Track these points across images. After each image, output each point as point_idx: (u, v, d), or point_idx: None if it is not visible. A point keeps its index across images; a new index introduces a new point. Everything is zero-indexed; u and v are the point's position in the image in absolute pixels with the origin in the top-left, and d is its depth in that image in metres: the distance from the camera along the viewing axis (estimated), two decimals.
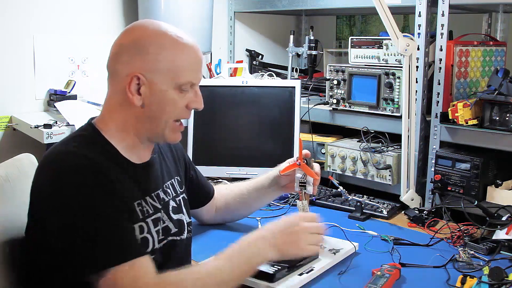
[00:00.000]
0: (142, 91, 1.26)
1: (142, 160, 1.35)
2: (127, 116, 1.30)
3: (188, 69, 1.29)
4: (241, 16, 3.04)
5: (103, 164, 1.22)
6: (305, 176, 1.57)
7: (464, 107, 1.81)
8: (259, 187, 1.72)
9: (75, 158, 1.21)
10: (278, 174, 1.67)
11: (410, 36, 1.87)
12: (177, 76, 1.28)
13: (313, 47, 2.61)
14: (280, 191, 1.75)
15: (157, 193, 1.37)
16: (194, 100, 1.33)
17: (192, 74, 1.30)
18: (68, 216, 1.15)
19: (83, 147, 1.25)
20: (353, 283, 1.42)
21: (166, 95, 1.28)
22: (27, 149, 1.58)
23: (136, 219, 1.27)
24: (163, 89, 1.27)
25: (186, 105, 1.32)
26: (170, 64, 1.27)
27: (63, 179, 1.18)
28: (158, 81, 1.26)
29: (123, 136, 1.31)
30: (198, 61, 1.33)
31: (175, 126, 1.34)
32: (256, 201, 1.76)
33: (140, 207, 1.29)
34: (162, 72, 1.26)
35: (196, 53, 1.32)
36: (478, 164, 1.83)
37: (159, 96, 1.27)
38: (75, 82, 2.41)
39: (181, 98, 1.30)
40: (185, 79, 1.29)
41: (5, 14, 2.28)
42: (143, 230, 1.27)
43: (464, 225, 1.74)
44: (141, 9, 2.51)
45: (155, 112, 1.29)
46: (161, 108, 1.29)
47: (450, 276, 1.44)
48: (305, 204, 1.57)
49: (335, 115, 2.26)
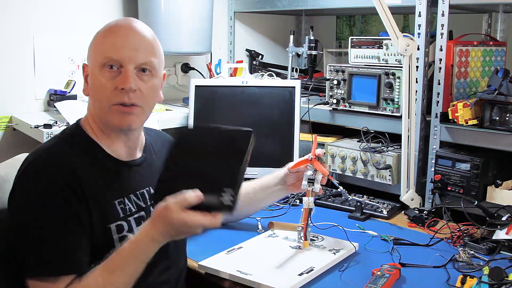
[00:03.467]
0: (88, 79, 1.32)
1: (130, 158, 1.36)
2: (90, 108, 1.35)
3: (109, 46, 1.27)
4: (241, 16, 3.04)
5: (76, 163, 1.23)
6: (315, 173, 1.58)
7: (464, 107, 1.81)
8: (265, 186, 1.72)
9: (45, 158, 1.24)
10: (287, 172, 1.67)
11: (410, 36, 1.87)
12: (99, 55, 1.29)
13: (313, 47, 2.61)
14: (286, 191, 1.74)
15: (143, 191, 1.37)
16: (120, 80, 1.26)
17: (113, 51, 1.26)
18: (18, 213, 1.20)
19: (62, 144, 1.29)
20: (353, 283, 1.42)
21: (96, 78, 1.29)
22: (27, 149, 1.57)
23: (115, 218, 1.27)
24: (93, 72, 1.30)
25: (116, 87, 1.27)
26: (95, 46, 1.30)
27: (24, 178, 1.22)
28: (90, 65, 1.31)
29: (98, 130, 1.33)
30: (123, 38, 1.28)
31: (117, 109, 1.28)
32: (262, 200, 1.75)
33: (122, 205, 1.29)
34: (91, 55, 1.31)
35: (122, 30, 1.29)
36: (478, 164, 1.83)
37: (92, 79, 1.31)
38: (75, 82, 2.41)
39: (109, 80, 1.27)
40: (103, 55, 1.27)
41: (5, 14, 2.28)
42: (123, 229, 1.28)
43: (464, 225, 1.74)
44: (141, 9, 2.51)
45: (92, 96, 1.32)
46: (96, 92, 1.30)
47: (450, 276, 1.45)
48: (311, 201, 1.57)
49: (335, 115, 2.26)
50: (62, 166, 1.22)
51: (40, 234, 1.17)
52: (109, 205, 1.27)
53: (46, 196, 1.19)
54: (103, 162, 1.30)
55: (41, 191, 1.19)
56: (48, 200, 1.18)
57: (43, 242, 1.17)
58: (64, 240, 1.18)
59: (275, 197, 1.79)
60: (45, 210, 1.18)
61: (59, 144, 1.29)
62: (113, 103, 1.28)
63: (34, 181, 1.20)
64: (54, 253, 1.17)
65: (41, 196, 1.19)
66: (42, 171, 1.21)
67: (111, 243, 1.25)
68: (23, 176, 1.23)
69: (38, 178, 1.20)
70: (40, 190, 1.19)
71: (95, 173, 1.26)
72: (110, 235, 1.26)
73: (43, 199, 1.18)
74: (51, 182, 1.19)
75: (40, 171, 1.21)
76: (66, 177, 1.21)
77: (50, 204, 1.18)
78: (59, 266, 1.17)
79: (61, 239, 1.18)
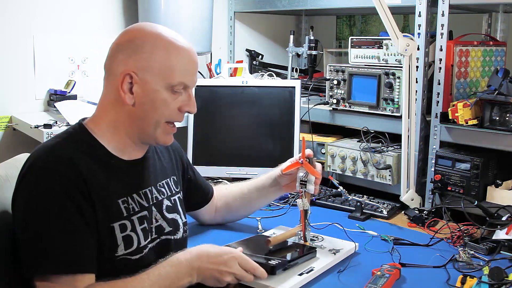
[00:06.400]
0: (134, 90, 1.27)
1: (133, 157, 1.36)
2: (118, 115, 1.31)
3: (181, 70, 1.29)
4: (241, 16, 3.04)
5: (79, 162, 1.22)
6: (307, 175, 1.57)
7: (464, 107, 1.81)
8: (260, 187, 1.72)
9: (49, 157, 1.22)
10: (280, 174, 1.67)
11: (410, 36, 1.87)
12: (170, 77, 1.28)
13: (313, 47, 2.62)
14: (281, 191, 1.74)
15: (145, 191, 1.36)
16: (187, 103, 1.33)
17: (185, 76, 1.30)
18: (22, 214, 1.19)
19: (64, 143, 1.27)
20: (353, 283, 1.42)
21: (158, 94, 1.28)
22: (27, 149, 1.57)
23: (119, 216, 1.27)
24: (155, 88, 1.28)
25: (179, 107, 1.32)
26: (163, 64, 1.27)
27: (29, 177, 1.21)
28: (151, 80, 1.27)
29: (114, 136, 1.31)
30: (192, 64, 1.32)
31: (166, 128, 1.33)
32: (257, 201, 1.76)
33: (126, 204, 1.29)
34: (154, 71, 1.27)
35: (191, 55, 1.32)
36: (478, 164, 1.83)
37: (151, 95, 1.28)
38: (75, 82, 2.41)
39: (173, 100, 1.30)
40: (177, 80, 1.29)
41: (5, 14, 2.28)
42: (126, 228, 1.27)
43: (464, 225, 1.74)
44: (141, 9, 2.51)
45: (146, 111, 1.29)
46: (152, 107, 1.29)
47: (450, 276, 1.44)
48: (305, 202, 1.57)
49: (335, 115, 2.26)
50: (66, 165, 1.21)
51: (51, 232, 1.16)
52: (112, 204, 1.27)
53: (54, 195, 1.18)
54: (107, 161, 1.30)
55: (48, 189, 1.18)
56: (56, 198, 1.17)
57: (56, 240, 1.16)
58: (76, 238, 1.18)
59: (271, 197, 1.79)
60: (54, 209, 1.17)
61: (62, 143, 1.28)
62: (167, 121, 1.32)
63: (40, 180, 1.19)
64: (67, 251, 1.16)
65: (48, 194, 1.18)
66: (46, 170, 1.20)
67: (114, 242, 1.25)
68: (28, 175, 1.21)
69: (44, 177, 1.19)
70: (47, 188, 1.18)
71: (98, 172, 1.25)
72: (114, 234, 1.25)
73: (51, 197, 1.17)
74: (57, 180, 1.19)
75: (44, 170, 1.20)
76: (71, 175, 1.20)
77: (58, 202, 1.17)
78: (76, 264, 1.16)
79: (73, 237, 1.17)
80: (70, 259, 1.16)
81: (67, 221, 1.18)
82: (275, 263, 1.37)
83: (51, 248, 1.16)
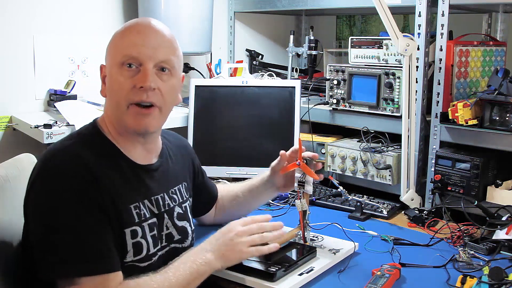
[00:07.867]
0: (106, 80, 1.30)
1: (146, 162, 1.34)
2: (107, 109, 1.32)
3: (127, 44, 1.26)
4: (241, 16, 3.04)
5: (93, 164, 1.20)
6: (304, 176, 1.57)
7: (464, 107, 1.81)
8: (253, 189, 1.72)
9: (63, 157, 1.21)
10: (271, 174, 1.66)
11: (410, 36, 1.87)
12: (117, 54, 1.27)
13: (313, 47, 2.62)
14: (277, 191, 1.74)
15: (157, 197, 1.35)
16: (140, 78, 1.24)
17: (130, 47, 1.25)
18: (42, 215, 1.16)
19: (78, 145, 1.25)
20: (353, 283, 1.42)
21: (113, 76, 1.27)
22: (27, 149, 1.58)
23: (131, 222, 1.25)
24: (110, 72, 1.28)
25: (134, 85, 1.25)
26: (113, 45, 1.29)
27: (44, 178, 1.18)
28: (108, 65, 1.30)
29: (114, 132, 1.31)
30: (141, 35, 1.27)
31: (134, 111, 1.26)
32: (252, 202, 1.75)
33: (137, 210, 1.27)
34: (109, 54, 1.30)
35: (140, 28, 1.28)
36: (478, 164, 1.83)
37: (109, 79, 1.29)
38: (75, 82, 2.41)
39: (128, 78, 1.25)
40: (122, 54, 1.25)
41: (5, 14, 2.28)
42: (137, 235, 1.25)
43: (464, 225, 1.74)
44: (141, 9, 2.51)
45: (110, 97, 1.30)
46: (112, 91, 1.28)
47: (450, 276, 1.44)
48: (303, 203, 1.57)
49: (335, 115, 2.26)
50: (81, 167, 1.18)
51: (78, 233, 1.13)
52: (125, 209, 1.24)
53: (73, 196, 1.15)
54: (120, 165, 1.28)
55: (66, 190, 1.15)
56: (75, 199, 1.15)
57: (85, 240, 1.14)
58: (102, 236, 1.16)
59: (266, 198, 1.79)
60: (75, 209, 1.15)
61: (75, 145, 1.25)
62: (131, 103, 1.25)
63: (56, 181, 1.17)
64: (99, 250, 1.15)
65: (67, 195, 1.15)
66: (62, 171, 1.18)
67: (124, 248, 1.23)
68: (42, 177, 1.19)
69: (60, 178, 1.17)
70: (65, 189, 1.15)
71: (112, 175, 1.23)
72: (124, 240, 1.23)
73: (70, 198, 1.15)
74: (74, 181, 1.16)
75: (60, 170, 1.18)
76: (87, 178, 1.18)
77: (78, 203, 1.15)
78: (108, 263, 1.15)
79: (100, 236, 1.16)
80: (102, 259, 1.14)
81: (91, 220, 1.16)
82: (274, 269, 1.37)
83: (81, 249, 1.13)
